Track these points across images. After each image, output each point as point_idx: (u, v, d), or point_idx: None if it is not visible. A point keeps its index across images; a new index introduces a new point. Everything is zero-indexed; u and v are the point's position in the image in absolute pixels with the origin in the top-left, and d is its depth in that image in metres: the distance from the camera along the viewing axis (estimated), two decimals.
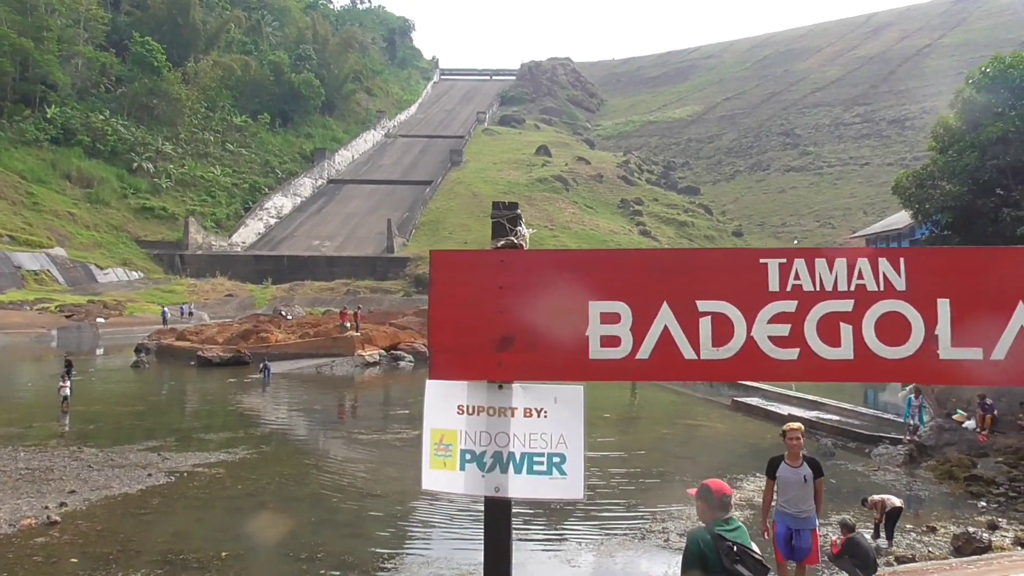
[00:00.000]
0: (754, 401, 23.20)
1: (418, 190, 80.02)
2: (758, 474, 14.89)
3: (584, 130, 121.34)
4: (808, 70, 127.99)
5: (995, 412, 16.77)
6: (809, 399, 22.20)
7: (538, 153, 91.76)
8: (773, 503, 7.71)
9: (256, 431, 19.42)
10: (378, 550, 10.86)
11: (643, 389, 29.90)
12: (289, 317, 45.21)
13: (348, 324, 36.69)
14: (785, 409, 21.53)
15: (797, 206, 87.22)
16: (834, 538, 10.07)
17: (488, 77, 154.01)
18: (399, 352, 35.61)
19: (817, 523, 7.59)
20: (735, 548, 3.57)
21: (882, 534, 11.04)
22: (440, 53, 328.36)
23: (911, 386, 20.35)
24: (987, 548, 10.55)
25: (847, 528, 9.01)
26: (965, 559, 9.33)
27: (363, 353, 34.34)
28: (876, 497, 11.25)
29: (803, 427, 7.74)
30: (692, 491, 4.15)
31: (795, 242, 78.58)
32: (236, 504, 12.82)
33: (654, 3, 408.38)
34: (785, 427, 7.78)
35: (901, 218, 61.84)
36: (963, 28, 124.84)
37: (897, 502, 11.03)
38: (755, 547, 3.89)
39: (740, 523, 3.86)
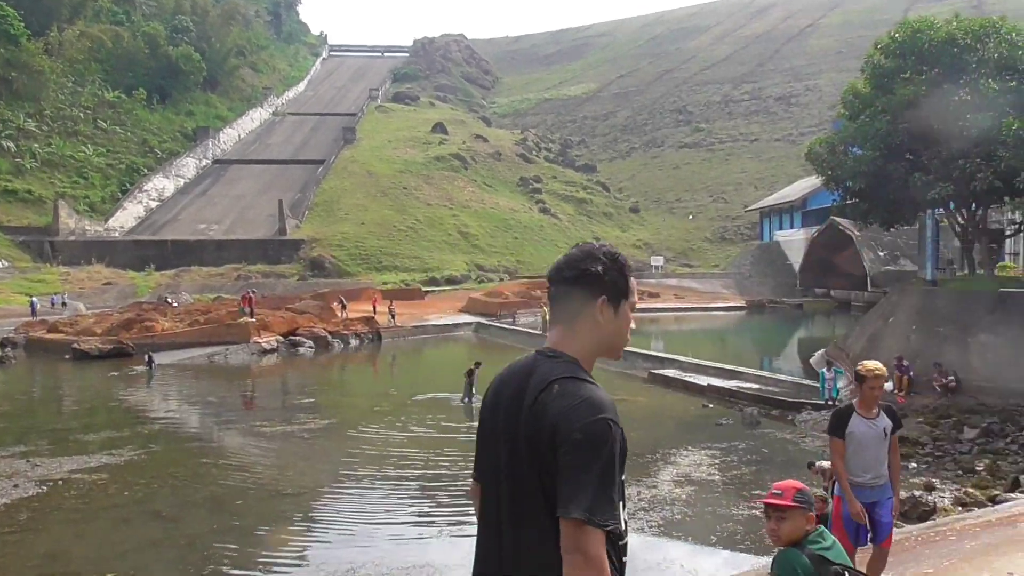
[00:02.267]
0: (671, 373, 22.89)
1: (310, 170, 76.90)
2: (690, 447, 14.38)
3: (480, 107, 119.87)
4: (698, 48, 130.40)
5: (912, 373, 16.86)
6: (727, 368, 22.01)
7: (434, 131, 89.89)
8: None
9: (143, 429, 17.57)
10: (290, 558, 9.63)
11: None
12: (175, 304, 42.38)
13: (248, 309, 34.54)
14: (703, 379, 21.27)
15: (691, 182, 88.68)
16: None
17: (380, 54, 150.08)
18: (298, 338, 33.72)
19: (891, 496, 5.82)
20: (845, 572, 2.62)
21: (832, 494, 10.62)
22: (329, 28, 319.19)
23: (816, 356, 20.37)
24: (933, 511, 10.26)
25: (822, 502, 8.41)
26: (924, 526, 8.90)
27: (259, 340, 32.31)
28: (824, 463, 10.77)
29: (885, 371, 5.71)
30: (778, 499, 3.04)
31: (690, 217, 79.98)
32: (123, 514, 11.26)
33: None
34: (863, 367, 5.64)
35: (793, 190, 63.78)
36: (842, 9, 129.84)
37: None
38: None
39: (832, 535, 2.89)
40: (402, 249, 61.82)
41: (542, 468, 1.99)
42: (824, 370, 17.02)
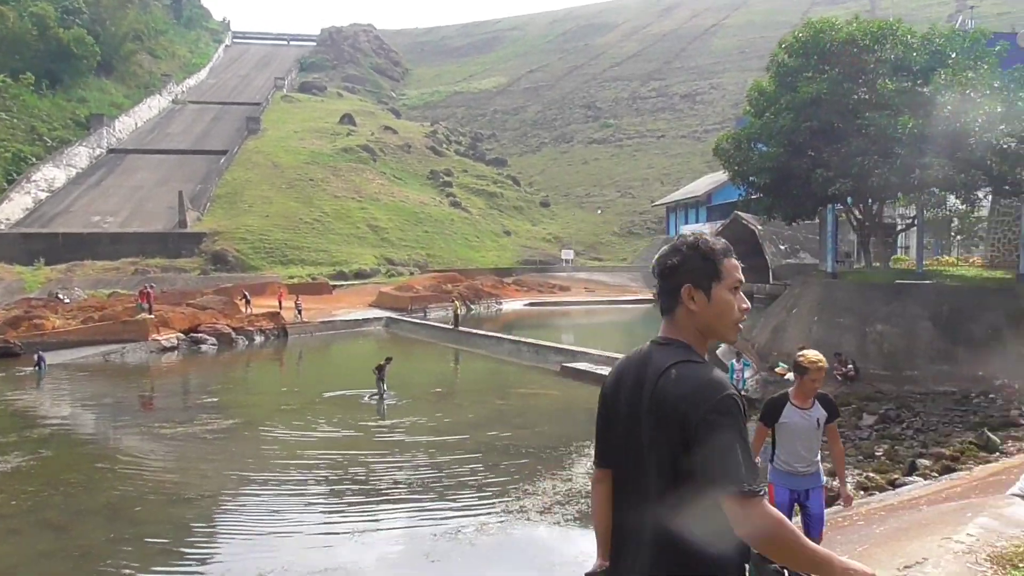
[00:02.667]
0: (583, 366, 23.00)
1: (212, 160, 74.11)
2: None
3: (389, 99, 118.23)
4: (607, 45, 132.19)
5: None
6: None
7: (342, 122, 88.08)
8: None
9: (32, 433, 16.45)
10: (191, 567, 9.13)
11: (466, 359, 29.13)
12: (67, 300, 40.13)
13: (146, 305, 32.97)
14: None
15: (600, 177, 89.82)
16: None
17: (286, 42, 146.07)
18: (200, 335, 32.41)
19: (824, 477, 5.86)
20: (784, 571, 2.48)
21: None
22: (232, 15, 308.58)
23: (723, 347, 20.79)
24: (837, 496, 10.53)
25: None
26: (831, 511, 9.11)
27: (158, 337, 30.91)
28: None
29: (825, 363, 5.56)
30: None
31: (599, 212, 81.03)
32: (11, 525, 10.47)
33: None
34: (802, 356, 5.51)
35: (698, 186, 65.42)
36: (745, 10, 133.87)
37: (758, 461, 10.79)
38: None
39: None
40: (309, 242, 60.35)
41: (672, 449, 2.10)
42: (733, 361, 17.35)
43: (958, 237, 23.32)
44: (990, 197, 21.35)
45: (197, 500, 11.55)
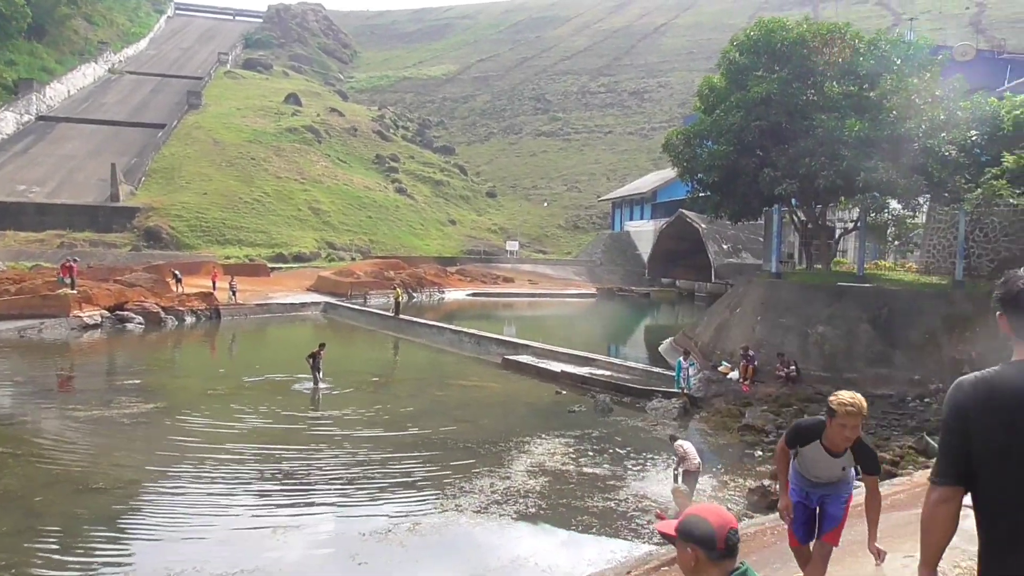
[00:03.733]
0: (524, 359, 22.65)
1: (149, 133, 71.54)
2: (543, 435, 14.05)
3: (337, 81, 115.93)
4: (558, 38, 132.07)
5: (756, 363, 17.33)
6: (580, 355, 21.98)
7: (287, 101, 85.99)
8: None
9: None
10: (98, 563, 8.43)
11: (406, 348, 28.51)
12: None
13: (68, 279, 31.42)
14: (557, 366, 21.14)
15: (547, 169, 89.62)
16: (659, 511, 9.23)
17: (231, 17, 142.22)
18: (126, 313, 31.06)
19: (852, 491, 5.01)
20: None
21: (679, 479, 10.53)
22: None
23: (665, 345, 20.68)
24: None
25: (684, 497, 8.12)
26: (775, 516, 8.88)
27: (80, 314, 29.49)
28: (683, 447, 10.67)
29: (865, 407, 4.47)
30: (666, 528, 2.45)
31: (545, 204, 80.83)
32: None
33: None
34: (833, 396, 4.53)
35: (644, 183, 65.76)
36: (694, 11, 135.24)
37: (695, 464, 10.52)
38: None
39: (748, 565, 2.34)
40: (248, 223, 58.70)
41: None
42: (681, 359, 17.15)
43: (895, 243, 23.62)
44: (927, 204, 21.65)
45: (106, 490, 10.76)
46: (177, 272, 37.97)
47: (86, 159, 65.82)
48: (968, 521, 2.57)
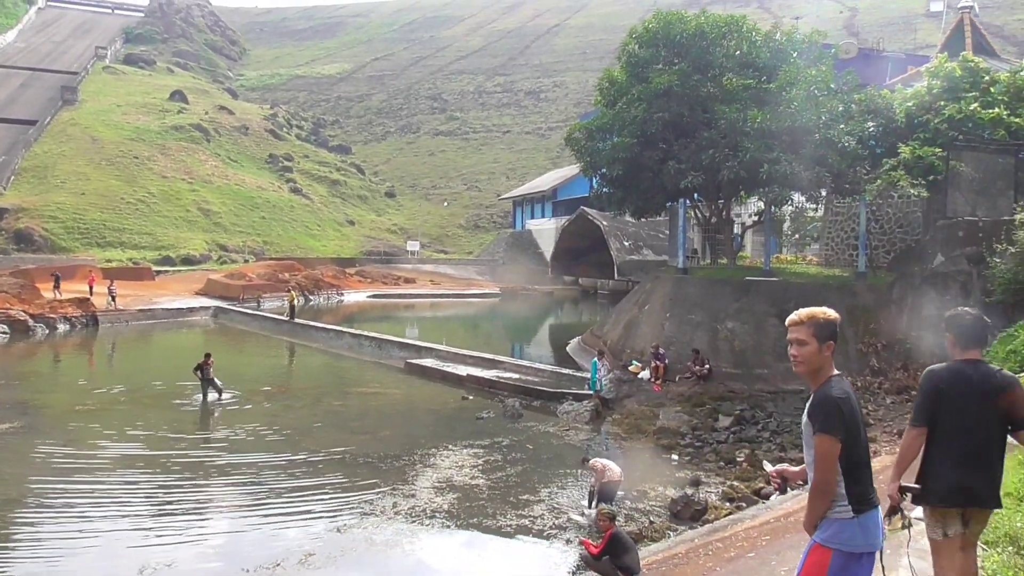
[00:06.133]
0: (428, 362, 21.70)
1: (19, 130, 66.66)
2: (450, 446, 13.18)
3: (226, 79, 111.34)
4: (453, 38, 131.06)
5: (667, 361, 16.95)
6: (486, 357, 21.20)
7: (173, 99, 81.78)
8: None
9: None
10: None
11: (302, 354, 27.06)
12: None
13: None
14: (462, 369, 20.30)
15: (446, 169, 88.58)
16: (584, 537, 8.50)
17: (110, 10, 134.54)
18: None
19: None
20: None
21: (593, 501, 9.87)
22: None
23: (573, 344, 20.20)
24: (704, 510, 9.84)
25: (608, 519, 7.40)
26: (704, 531, 8.30)
27: None
28: (598, 463, 10.03)
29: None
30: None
31: (445, 204, 79.82)
32: None
33: None
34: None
35: (544, 181, 65.65)
36: (585, 12, 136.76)
37: (617, 474, 9.91)
38: None
39: None
40: (131, 224, 55.32)
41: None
42: (596, 360, 16.51)
43: (795, 236, 23.87)
44: (824, 198, 21.92)
45: None
46: (58, 275, 35.20)
47: None
48: None
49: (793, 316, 3.58)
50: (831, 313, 3.48)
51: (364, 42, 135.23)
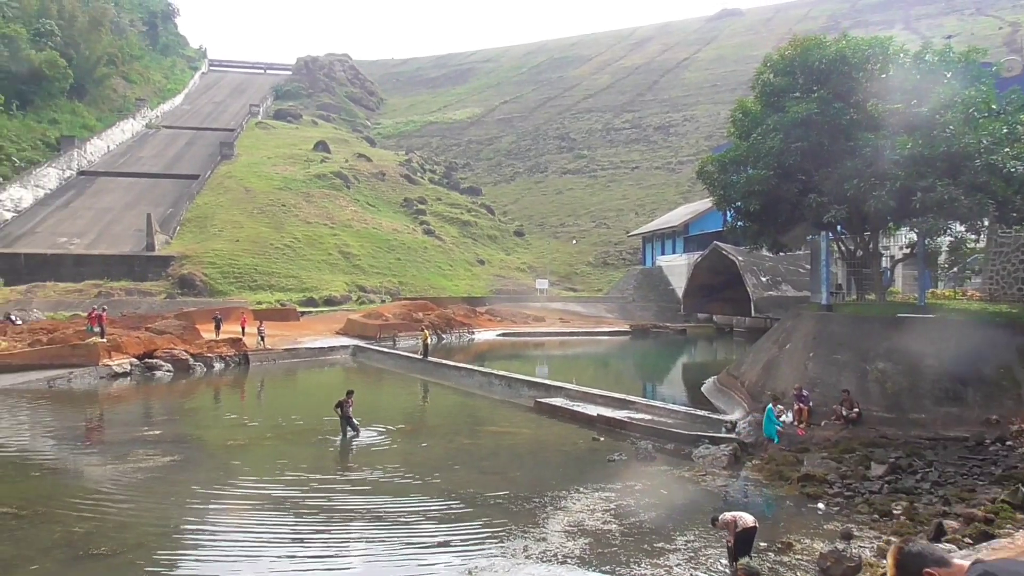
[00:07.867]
0: (558, 401, 21.48)
1: (183, 184, 72.37)
2: (581, 489, 12.86)
3: (364, 128, 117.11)
4: (580, 77, 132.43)
5: (811, 403, 16.01)
6: (617, 397, 20.74)
7: (316, 149, 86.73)
8: None
9: None
10: None
11: (435, 392, 27.46)
12: (20, 323, 37.93)
13: (97, 328, 31.09)
14: (592, 409, 19.95)
15: (574, 207, 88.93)
16: None
17: (262, 71, 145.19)
18: (155, 360, 30.53)
19: None
20: None
21: (733, 559, 9.28)
22: (209, 43, 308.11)
23: (711, 381, 19.41)
24: (859, 567, 9.06)
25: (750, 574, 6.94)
26: None
27: (110, 362, 28.99)
28: (728, 516, 9.46)
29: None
30: None
31: (573, 242, 79.93)
32: None
33: (432, 5, 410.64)
34: None
35: (674, 216, 64.60)
36: (715, 44, 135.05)
37: (750, 521, 9.31)
38: None
39: None
40: (278, 268, 58.52)
41: None
42: (771, 407, 15.53)
43: (952, 270, 22.19)
44: (987, 227, 20.28)
45: (107, 557, 9.80)
46: (219, 317, 37.76)
47: (123, 211, 66.56)
48: None
49: None
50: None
51: (494, 86, 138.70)
